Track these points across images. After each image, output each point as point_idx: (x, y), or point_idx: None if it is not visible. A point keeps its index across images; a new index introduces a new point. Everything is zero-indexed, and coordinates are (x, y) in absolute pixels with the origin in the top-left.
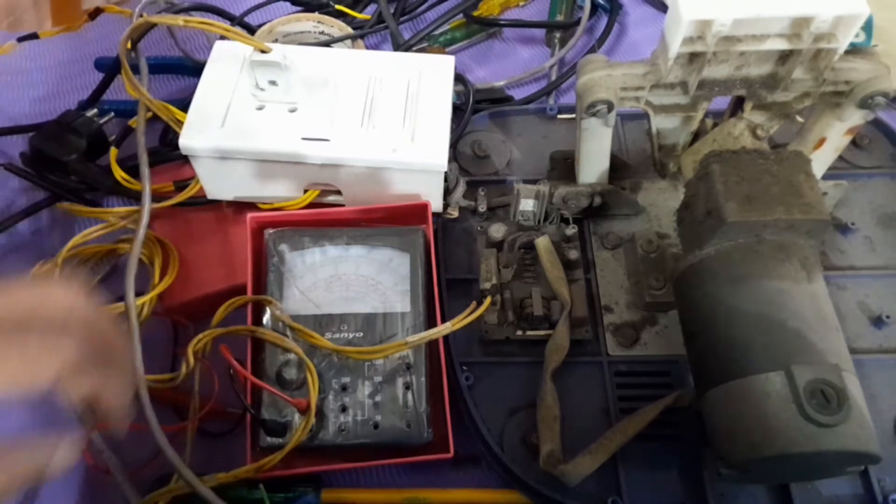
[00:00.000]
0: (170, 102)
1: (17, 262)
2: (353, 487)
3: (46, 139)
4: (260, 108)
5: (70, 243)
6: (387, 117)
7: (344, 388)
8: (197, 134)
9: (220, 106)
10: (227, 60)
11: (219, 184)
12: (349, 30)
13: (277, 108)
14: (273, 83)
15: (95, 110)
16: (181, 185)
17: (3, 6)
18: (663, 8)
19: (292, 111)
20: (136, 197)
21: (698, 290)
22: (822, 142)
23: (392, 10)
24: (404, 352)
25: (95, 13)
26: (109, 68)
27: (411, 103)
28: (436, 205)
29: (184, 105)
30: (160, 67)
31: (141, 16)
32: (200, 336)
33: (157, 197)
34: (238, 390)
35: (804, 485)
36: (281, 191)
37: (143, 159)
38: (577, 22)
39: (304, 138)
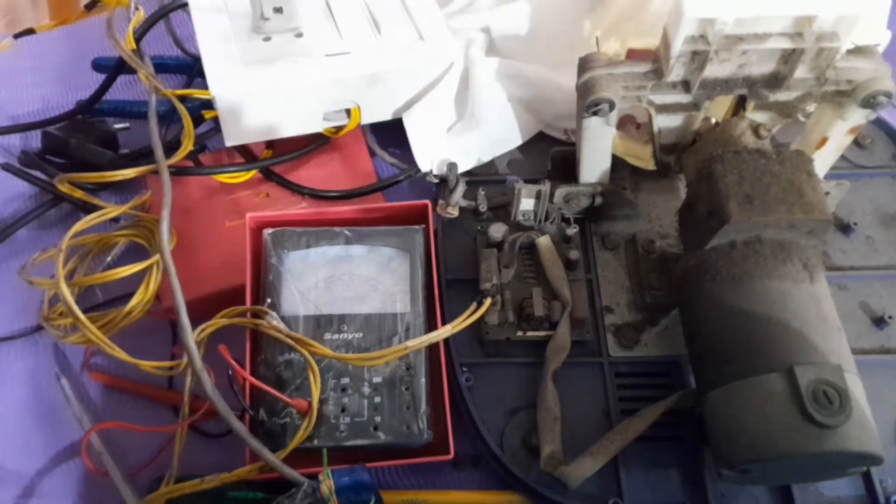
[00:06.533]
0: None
1: (21, 262)
2: None
3: (71, 129)
4: (267, 40)
5: (73, 229)
6: (388, 22)
7: (344, 390)
8: (224, 77)
9: (228, 48)
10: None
11: (240, 126)
12: None
13: (284, 37)
14: (278, 10)
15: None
16: None
17: (1, 5)
18: None
19: (299, 36)
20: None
21: (699, 290)
22: (823, 141)
23: None
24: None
25: (92, 5)
26: (111, 69)
27: (399, 3)
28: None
29: None
30: (158, 67)
31: (137, 8)
32: (204, 326)
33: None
34: (237, 391)
35: (806, 486)
36: (301, 124)
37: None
38: None
39: (327, 55)
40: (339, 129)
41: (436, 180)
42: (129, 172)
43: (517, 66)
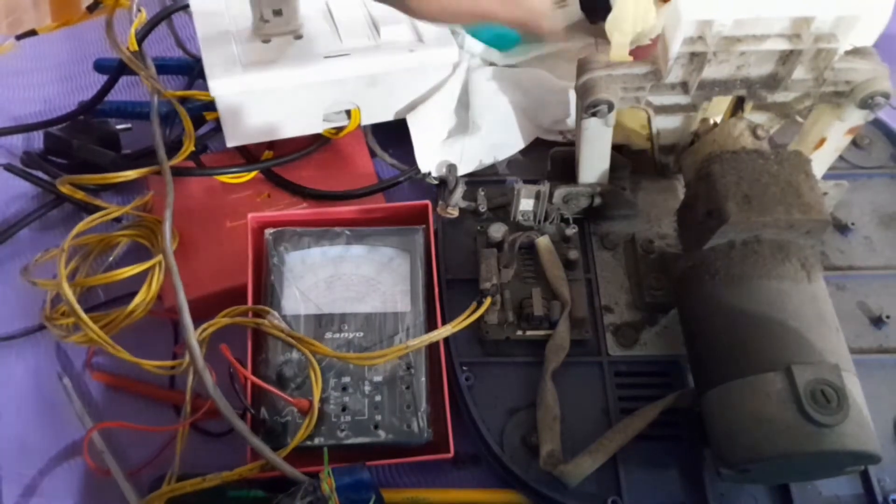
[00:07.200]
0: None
1: (23, 262)
2: None
3: (73, 130)
4: (267, 42)
5: (75, 230)
6: (387, 24)
7: (344, 388)
8: (224, 76)
9: (229, 50)
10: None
11: (241, 127)
12: None
13: (284, 39)
14: (278, 13)
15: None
16: None
17: (3, 6)
18: None
19: (298, 38)
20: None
21: (698, 290)
22: (822, 142)
23: None
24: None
25: (94, 6)
26: (113, 70)
27: None
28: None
29: None
30: (160, 68)
31: (140, 10)
32: (205, 325)
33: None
34: (238, 390)
35: (804, 485)
36: (301, 124)
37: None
38: None
39: (326, 56)
40: (340, 129)
41: (435, 181)
42: (131, 173)
43: (516, 72)
